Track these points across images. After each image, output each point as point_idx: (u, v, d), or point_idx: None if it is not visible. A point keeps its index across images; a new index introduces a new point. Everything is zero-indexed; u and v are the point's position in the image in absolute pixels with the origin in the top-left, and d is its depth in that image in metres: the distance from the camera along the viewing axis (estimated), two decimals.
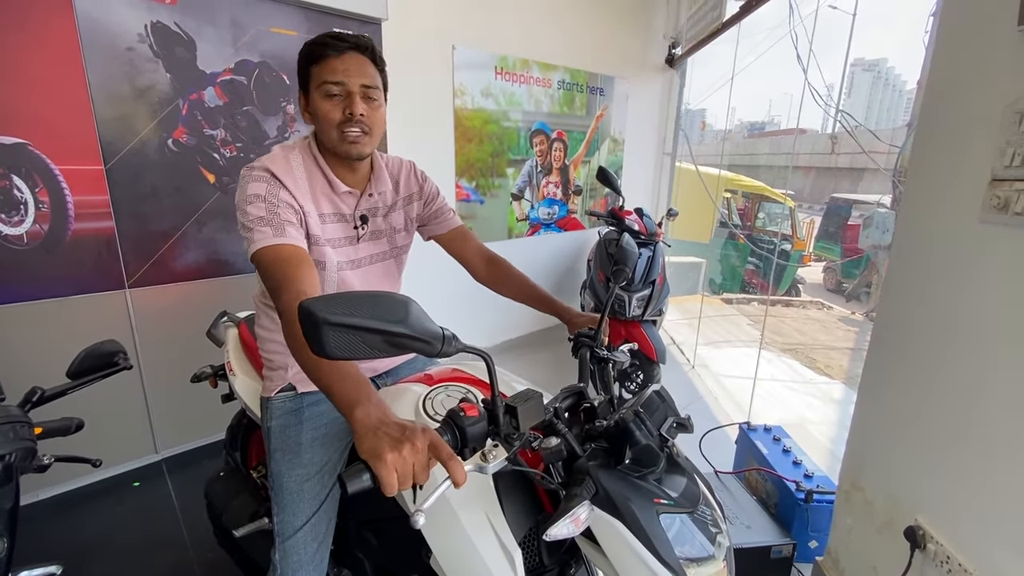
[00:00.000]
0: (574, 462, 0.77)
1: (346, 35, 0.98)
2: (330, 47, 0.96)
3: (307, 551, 1.05)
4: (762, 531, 1.72)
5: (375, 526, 1.09)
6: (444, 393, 1.00)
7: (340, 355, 0.58)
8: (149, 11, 1.98)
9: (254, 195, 0.94)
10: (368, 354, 0.60)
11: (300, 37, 2.34)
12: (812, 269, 9.64)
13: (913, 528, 1.23)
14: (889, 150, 4.44)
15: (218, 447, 2.43)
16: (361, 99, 0.99)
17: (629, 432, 0.75)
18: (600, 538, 0.72)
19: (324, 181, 1.05)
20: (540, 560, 0.84)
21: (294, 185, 0.99)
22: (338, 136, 1.00)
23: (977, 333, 1.10)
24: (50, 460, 0.95)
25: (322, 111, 0.98)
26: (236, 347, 1.47)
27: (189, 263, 2.25)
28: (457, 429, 0.69)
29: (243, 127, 2.28)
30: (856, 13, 4.58)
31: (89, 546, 1.84)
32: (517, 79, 3.36)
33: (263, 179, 0.96)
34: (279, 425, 1.12)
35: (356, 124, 0.99)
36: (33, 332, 1.92)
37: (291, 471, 1.07)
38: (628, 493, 0.72)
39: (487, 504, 0.82)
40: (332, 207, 1.07)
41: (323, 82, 0.96)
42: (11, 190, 1.82)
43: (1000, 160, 1.03)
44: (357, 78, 0.98)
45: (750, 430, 2.15)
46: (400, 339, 0.60)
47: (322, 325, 0.56)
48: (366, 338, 0.58)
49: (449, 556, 0.81)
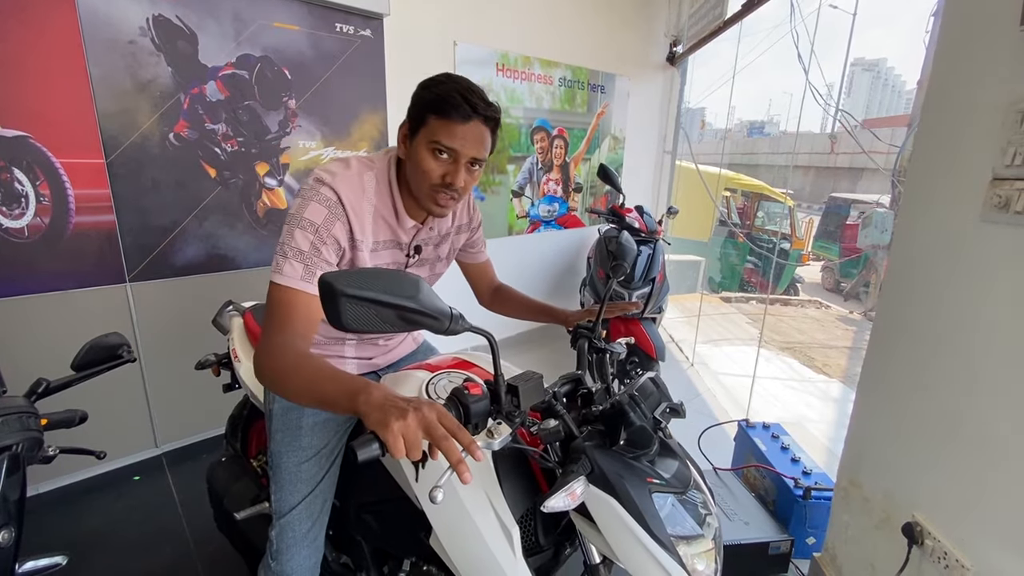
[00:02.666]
0: (571, 443, 0.79)
1: (478, 101, 0.92)
2: (459, 111, 0.90)
3: (302, 528, 1.09)
4: (760, 527, 1.73)
5: (375, 508, 1.11)
6: (447, 378, 1.01)
7: (356, 327, 0.62)
8: (151, 4, 1.97)
9: (309, 221, 0.89)
10: (381, 328, 0.64)
11: (302, 31, 2.33)
12: (811, 268, 9.67)
13: (911, 524, 1.24)
14: (889, 150, 4.45)
15: (217, 441, 2.44)
16: (466, 170, 0.95)
17: (624, 414, 0.78)
18: (595, 514, 0.74)
19: (392, 211, 1.02)
20: (536, 540, 0.87)
21: (357, 213, 0.95)
22: (429, 194, 0.96)
23: (976, 332, 1.11)
24: (55, 451, 0.95)
25: (424, 165, 0.93)
26: (241, 335, 1.49)
27: (189, 257, 2.25)
28: (461, 406, 0.71)
29: (244, 121, 2.28)
30: (856, 13, 4.59)
31: (90, 539, 1.85)
32: (518, 76, 3.36)
33: (326, 204, 0.91)
34: (281, 408, 1.13)
35: (451, 191, 0.96)
36: (34, 325, 1.92)
37: (290, 453, 1.10)
38: (622, 472, 0.75)
39: (487, 484, 0.84)
40: (390, 235, 1.04)
41: (436, 140, 0.92)
42: (12, 183, 1.82)
43: (1001, 159, 1.03)
44: (471, 151, 0.93)
45: (749, 427, 2.17)
46: (412, 314, 0.64)
47: (340, 297, 0.60)
48: (380, 312, 0.62)
49: (450, 533, 0.83)
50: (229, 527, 1.51)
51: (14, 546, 0.85)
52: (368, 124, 2.66)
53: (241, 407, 1.69)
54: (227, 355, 1.55)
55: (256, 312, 1.52)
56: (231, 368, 1.55)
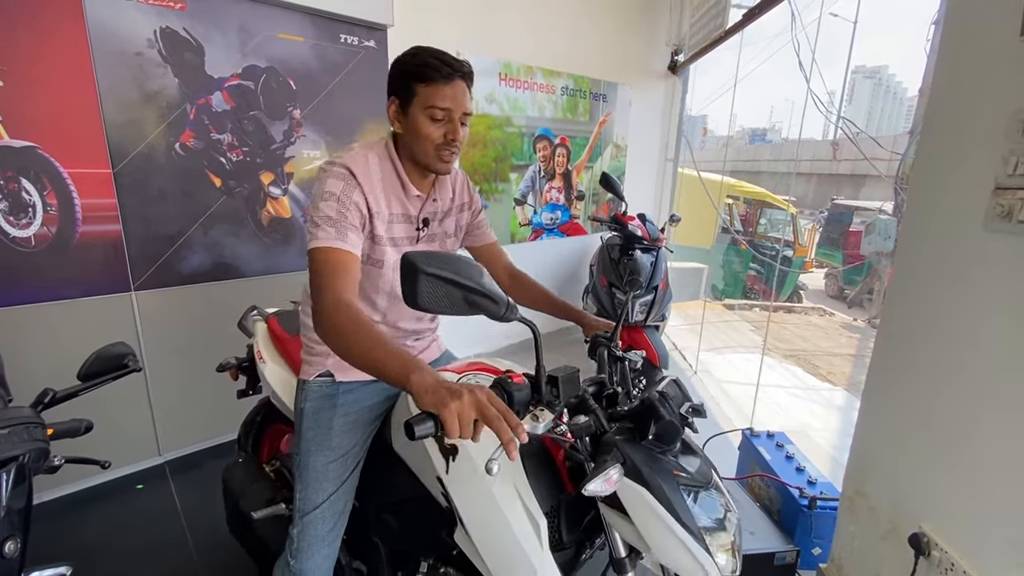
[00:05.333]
0: (602, 437, 0.83)
1: (452, 60, 1.02)
2: (441, 72, 1.00)
3: (324, 527, 1.14)
4: (766, 538, 1.72)
5: (396, 508, 1.15)
6: (475, 379, 1.05)
7: (426, 306, 0.69)
8: (159, 17, 2.00)
9: (330, 192, 1.00)
10: (447, 309, 0.71)
11: (307, 43, 2.36)
12: (814, 275, 9.64)
13: (917, 535, 1.23)
14: (891, 157, 4.46)
15: (220, 450, 2.44)
16: (461, 124, 1.06)
17: (654, 408, 0.82)
18: (627, 504, 0.77)
19: (398, 184, 1.12)
20: (559, 538, 0.89)
21: (369, 187, 1.05)
22: (435, 155, 1.06)
23: (981, 340, 1.11)
24: (61, 461, 0.96)
25: (424, 131, 1.03)
26: (265, 337, 1.52)
27: (194, 266, 2.26)
28: (506, 393, 0.76)
29: (250, 131, 2.30)
30: (857, 21, 4.61)
31: (94, 548, 1.84)
32: (521, 85, 3.38)
33: (342, 177, 1.02)
34: (313, 407, 1.18)
35: (452, 147, 1.06)
36: (39, 334, 1.93)
37: (319, 452, 1.15)
38: (651, 464, 0.78)
39: (516, 477, 0.87)
40: (401, 208, 1.13)
41: (431, 106, 1.01)
42: (20, 193, 1.84)
43: (1003, 169, 1.04)
44: (461, 106, 1.04)
45: (753, 436, 2.15)
46: (476, 296, 0.71)
47: (420, 274, 0.67)
48: (450, 292, 0.69)
49: (479, 524, 0.87)
50: (242, 527, 1.50)
51: (20, 556, 0.85)
52: (371, 134, 2.67)
53: (255, 413, 1.70)
54: (246, 359, 1.58)
55: (280, 317, 1.54)
56: (248, 372, 1.58)
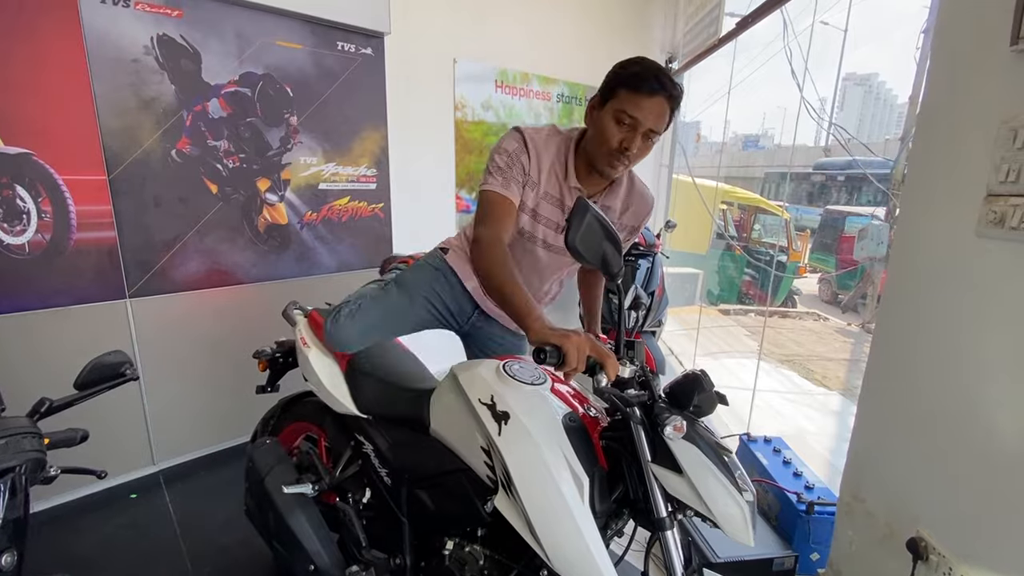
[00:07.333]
0: (653, 406, 0.94)
1: (665, 79, 1.03)
2: (646, 84, 1.02)
3: (374, 316, 1.37)
4: (764, 543, 1.72)
5: (432, 482, 1.21)
6: (516, 365, 1.13)
7: (577, 245, 0.87)
8: (156, 23, 2.00)
9: (504, 149, 1.16)
10: (584, 253, 0.89)
11: (304, 50, 2.36)
12: (808, 281, 9.70)
13: (915, 540, 1.23)
14: (884, 161, 4.49)
15: (215, 458, 2.42)
16: (642, 138, 1.07)
17: (698, 381, 0.94)
18: (680, 457, 0.88)
19: (563, 169, 1.19)
20: (593, 506, 0.95)
21: (536, 159, 1.17)
22: (605, 156, 1.10)
23: (975, 345, 1.12)
24: (57, 472, 0.94)
25: (606, 130, 1.07)
26: (306, 327, 1.55)
27: (190, 273, 2.25)
28: None
29: (246, 138, 2.29)
30: (848, 29, 4.67)
31: (88, 558, 1.82)
32: (517, 92, 3.40)
33: (518, 140, 1.17)
34: (436, 266, 1.38)
35: (624, 157, 1.09)
36: (33, 342, 1.91)
37: (406, 286, 1.39)
38: (696, 430, 0.92)
39: (562, 443, 0.96)
40: (557, 192, 1.21)
41: (621, 110, 1.04)
42: (14, 199, 1.83)
43: (995, 176, 1.05)
44: (650, 121, 1.05)
45: (750, 441, 2.16)
46: (611, 251, 0.92)
47: (588, 213, 0.87)
48: (600, 242, 0.90)
49: (528, 480, 0.94)
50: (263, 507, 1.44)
51: (17, 568, 0.84)
52: (369, 140, 2.68)
53: (275, 409, 1.72)
54: (282, 346, 1.65)
55: (321, 312, 1.59)
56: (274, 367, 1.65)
